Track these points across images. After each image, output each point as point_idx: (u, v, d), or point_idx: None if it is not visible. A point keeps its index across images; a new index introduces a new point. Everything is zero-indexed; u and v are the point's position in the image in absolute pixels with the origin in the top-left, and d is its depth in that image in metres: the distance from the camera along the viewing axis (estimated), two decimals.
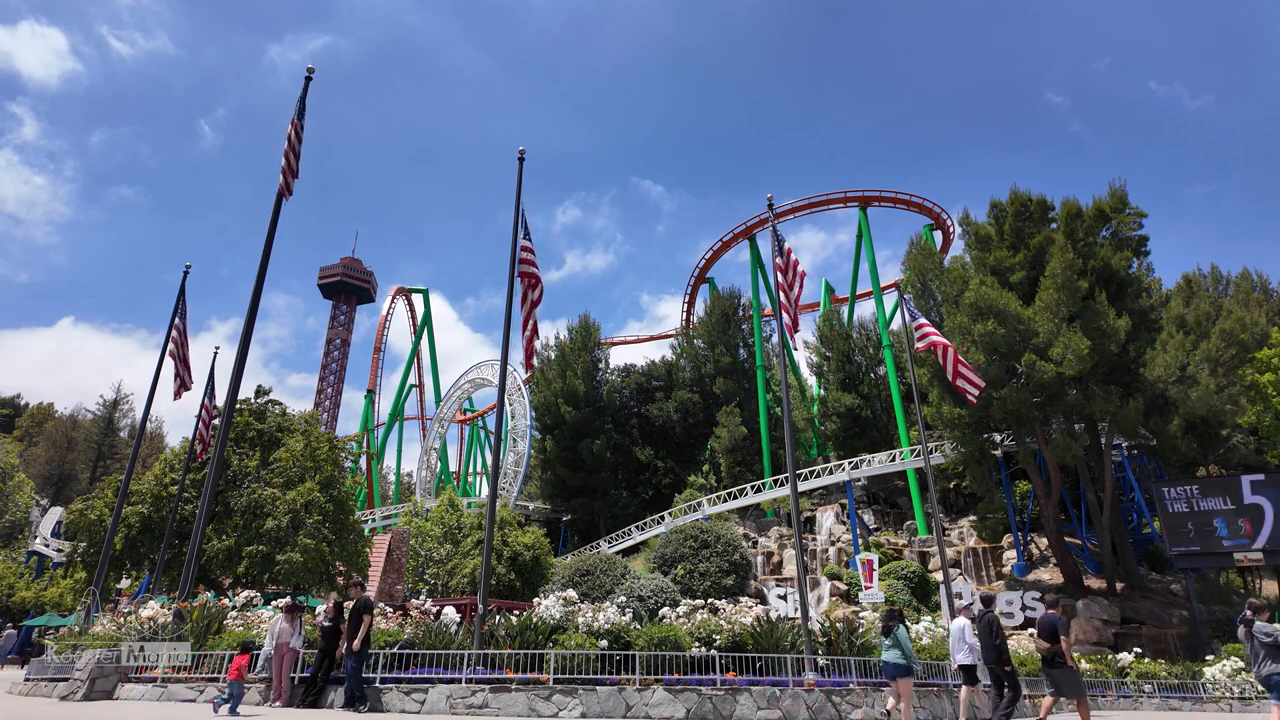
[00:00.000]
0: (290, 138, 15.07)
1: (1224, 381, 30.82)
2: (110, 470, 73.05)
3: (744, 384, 60.87)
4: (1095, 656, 25.28)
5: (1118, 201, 34.15)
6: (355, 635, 10.75)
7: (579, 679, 10.81)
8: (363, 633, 10.78)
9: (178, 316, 19.84)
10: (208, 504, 13.77)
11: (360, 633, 10.76)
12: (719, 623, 12.96)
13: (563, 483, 58.57)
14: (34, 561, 55.39)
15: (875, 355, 55.44)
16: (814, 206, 56.88)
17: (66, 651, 13.85)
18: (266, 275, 14.97)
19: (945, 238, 55.08)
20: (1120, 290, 33.60)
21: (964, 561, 39.27)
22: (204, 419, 20.33)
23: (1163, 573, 36.23)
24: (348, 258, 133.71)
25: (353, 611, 11.08)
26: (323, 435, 27.35)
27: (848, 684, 11.72)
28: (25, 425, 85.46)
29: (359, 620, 10.89)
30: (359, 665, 10.80)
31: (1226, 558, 29.57)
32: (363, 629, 10.80)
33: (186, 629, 12.79)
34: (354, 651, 10.71)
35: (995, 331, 31.22)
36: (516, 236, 14.65)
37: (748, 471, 53.54)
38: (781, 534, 45.98)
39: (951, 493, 47.54)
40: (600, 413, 59.31)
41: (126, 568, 25.82)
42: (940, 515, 43.44)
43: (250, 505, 23.26)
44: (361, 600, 11.20)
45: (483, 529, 32.35)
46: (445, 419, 75.16)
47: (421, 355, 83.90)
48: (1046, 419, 33.26)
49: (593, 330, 64.39)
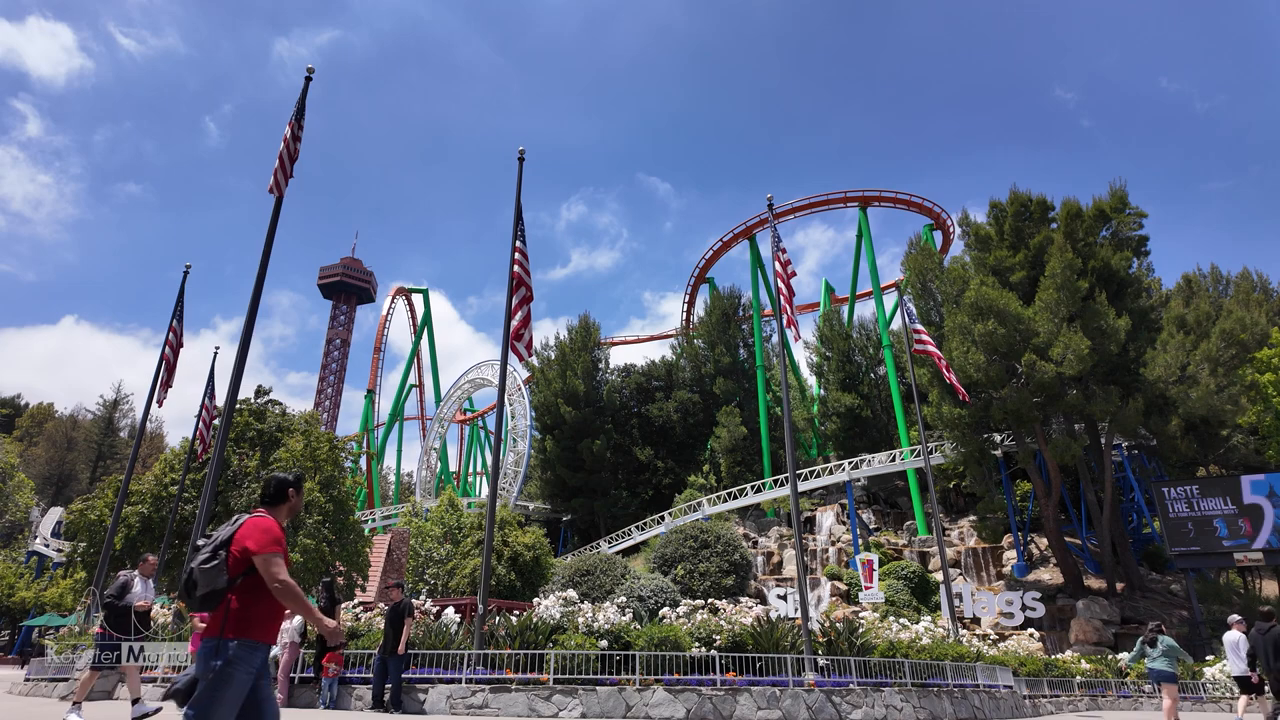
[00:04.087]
0: (286, 139, 15.03)
1: (1224, 381, 30.82)
2: (110, 470, 73.04)
3: (744, 384, 60.88)
4: (1095, 656, 25.30)
5: (1118, 201, 34.16)
6: (398, 639, 10.86)
7: (579, 679, 10.80)
8: (405, 635, 10.87)
9: (175, 318, 19.82)
10: (208, 504, 13.75)
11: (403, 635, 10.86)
12: (719, 623, 12.96)
13: (563, 483, 58.58)
14: (34, 561, 55.43)
15: (875, 355, 55.45)
16: (814, 206, 56.88)
17: (66, 651, 13.85)
18: (268, 274, 14.95)
19: (945, 238, 55.08)
20: (1120, 290, 33.60)
21: (964, 561, 39.28)
22: (204, 419, 20.32)
23: (1163, 573, 36.23)
24: (348, 258, 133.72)
25: (393, 615, 11.15)
26: (323, 435, 27.36)
27: (848, 684, 11.71)
28: (25, 425, 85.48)
29: (400, 623, 10.97)
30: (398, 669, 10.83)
31: (1226, 558, 29.57)
32: (405, 631, 10.88)
33: (186, 629, 12.79)
34: (396, 655, 10.80)
35: (995, 331, 31.21)
36: (515, 237, 14.65)
37: (748, 471, 53.53)
38: (781, 534, 45.99)
39: (951, 493, 47.54)
40: (600, 413, 59.31)
41: (126, 568, 25.80)
42: (940, 515, 43.44)
43: (250, 505, 23.26)
44: (403, 603, 11.23)
45: (483, 529, 32.35)
46: (445, 419, 75.16)
47: (421, 355, 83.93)
48: (1046, 419, 33.26)
49: (593, 330, 64.40)
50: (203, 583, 3.85)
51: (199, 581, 3.87)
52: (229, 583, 3.90)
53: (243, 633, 3.86)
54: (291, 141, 15.18)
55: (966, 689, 13.98)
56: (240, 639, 3.84)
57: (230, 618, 3.87)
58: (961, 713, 13.19)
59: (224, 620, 3.87)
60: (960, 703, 13.30)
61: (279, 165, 14.36)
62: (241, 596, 3.92)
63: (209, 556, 3.90)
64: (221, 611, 3.90)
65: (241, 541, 3.94)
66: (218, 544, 3.95)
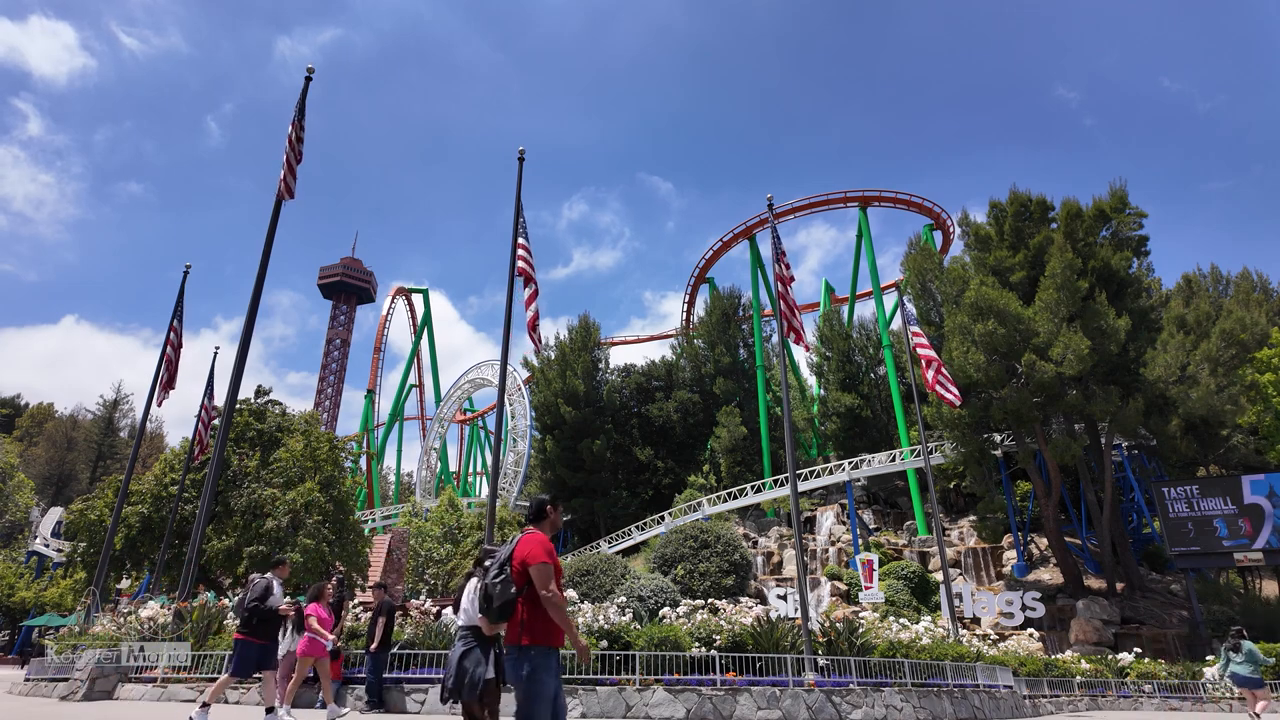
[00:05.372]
0: (290, 139, 15.05)
1: (1224, 381, 30.80)
2: (110, 470, 73.03)
3: (744, 384, 60.87)
4: (1095, 656, 25.28)
5: (1118, 201, 34.15)
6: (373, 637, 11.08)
7: (579, 679, 10.80)
8: (379, 634, 11.06)
9: (175, 318, 19.83)
10: (208, 504, 13.76)
11: (377, 633, 11.06)
12: (719, 623, 12.95)
13: (563, 483, 58.56)
14: (34, 561, 55.41)
15: (875, 355, 55.43)
16: (814, 207, 56.87)
17: (66, 651, 13.85)
18: (268, 274, 14.97)
19: (945, 238, 55.07)
20: (1120, 290, 33.58)
21: (964, 561, 39.28)
22: (204, 419, 20.33)
23: (1163, 573, 36.22)
24: (348, 258, 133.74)
25: (374, 614, 11.40)
26: (323, 435, 27.36)
27: (848, 684, 11.71)
28: (25, 425, 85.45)
29: (374, 621, 11.23)
30: (376, 665, 11.02)
31: (1226, 558, 29.56)
32: (379, 630, 11.08)
33: (186, 629, 12.79)
34: (370, 652, 11.02)
35: (995, 331, 31.20)
36: (516, 235, 14.66)
37: (748, 471, 53.52)
38: (781, 534, 45.98)
39: (951, 493, 47.53)
40: (600, 413, 59.30)
41: (126, 568, 25.82)
42: (940, 515, 43.44)
43: (250, 505, 23.28)
44: (383, 603, 11.43)
45: (483, 529, 32.35)
46: (445, 419, 75.14)
47: (421, 355, 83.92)
48: (1046, 419, 33.25)
49: (593, 330, 64.39)
50: (498, 596, 4.42)
51: (494, 595, 4.42)
52: (517, 593, 4.43)
53: (537, 638, 4.36)
54: (295, 144, 15.19)
55: (966, 689, 13.98)
56: (536, 644, 4.34)
57: (525, 626, 4.38)
58: (961, 713, 13.19)
59: (520, 629, 4.38)
60: (960, 703, 13.30)
61: (286, 169, 14.38)
62: (529, 606, 4.43)
63: (497, 572, 4.48)
64: (516, 621, 4.42)
65: (519, 556, 4.50)
66: (502, 561, 4.54)
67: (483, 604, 4.53)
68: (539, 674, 4.27)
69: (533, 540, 4.55)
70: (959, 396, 21.13)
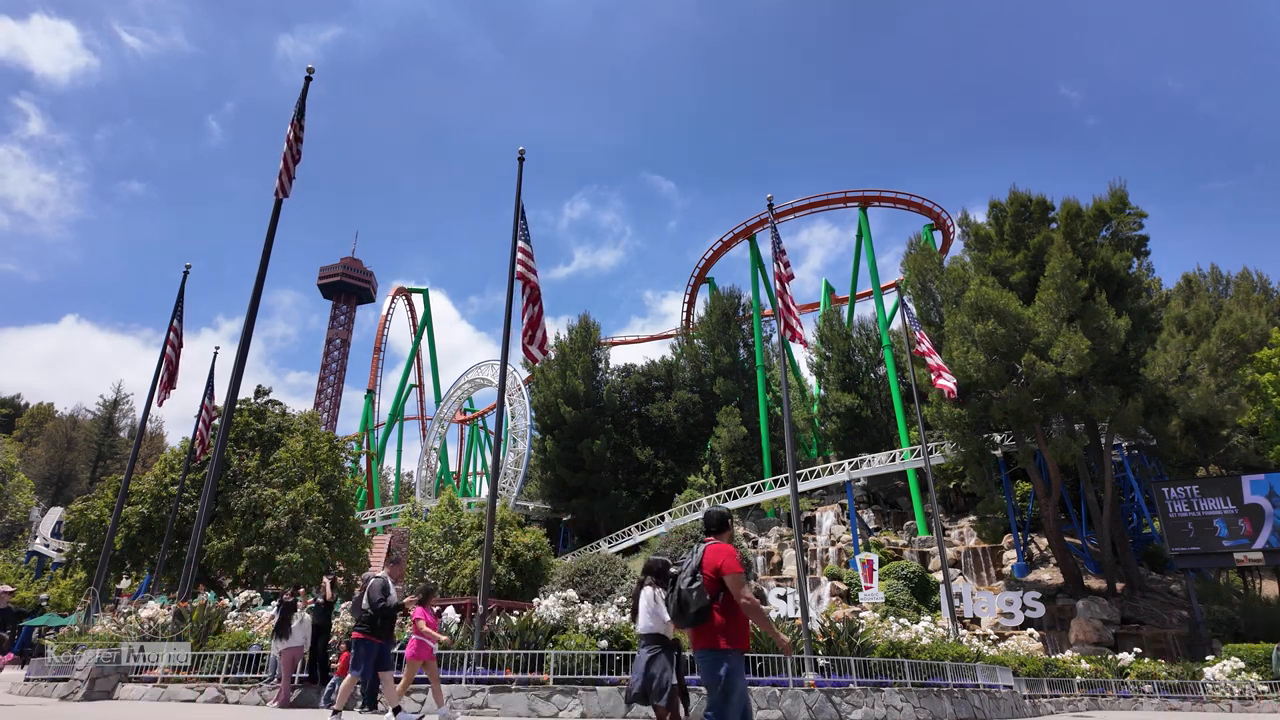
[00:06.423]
0: (289, 139, 15.05)
1: (1224, 381, 30.82)
2: (110, 470, 73.03)
3: (744, 384, 60.89)
4: (1095, 656, 25.29)
5: (1118, 201, 34.16)
6: None
7: (579, 679, 10.81)
8: None
9: (175, 318, 19.84)
10: (208, 504, 13.77)
11: None
12: None
13: (563, 483, 58.59)
14: (34, 561, 55.43)
15: (875, 355, 55.44)
16: (814, 207, 56.91)
17: (66, 651, 13.85)
18: (269, 274, 14.97)
19: (945, 238, 55.09)
20: (1120, 290, 33.59)
21: (964, 561, 39.29)
22: (204, 419, 20.33)
23: (1163, 573, 36.23)
24: (348, 258, 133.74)
25: None
26: (323, 435, 27.39)
27: (848, 684, 11.71)
28: (25, 425, 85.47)
29: None
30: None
31: (1226, 558, 29.57)
32: None
33: (186, 629, 12.79)
34: None
35: (995, 331, 31.21)
36: (516, 237, 14.64)
37: (748, 471, 53.54)
38: (781, 534, 45.99)
39: (951, 493, 47.54)
40: (600, 413, 59.32)
41: (126, 568, 25.84)
42: (940, 515, 43.44)
43: (250, 505, 23.28)
44: None
45: (483, 529, 32.35)
46: (445, 419, 75.14)
47: (421, 355, 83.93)
48: (1046, 419, 33.26)
49: (593, 330, 64.44)
50: (694, 603, 4.67)
51: (691, 602, 4.68)
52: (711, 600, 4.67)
53: (733, 642, 4.62)
54: (294, 143, 15.17)
55: (966, 689, 13.98)
56: (733, 648, 4.61)
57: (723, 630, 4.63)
58: (961, 713, 13.20)
59: (717, 632, 4.63)
60: (960, 703, 13.31)
61: (283, 168, 14.36)
62: (723, 611, 4.68)
63: (691, 579, 4.75)
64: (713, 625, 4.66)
65: (713, 565, 4.74)
66: (693, 569, 4.79)
67: (677, 609, 4.79)
68: (735, 675, 4.55)
69: (723, 550, 4.84)
70: (953, 390, 21.43)
